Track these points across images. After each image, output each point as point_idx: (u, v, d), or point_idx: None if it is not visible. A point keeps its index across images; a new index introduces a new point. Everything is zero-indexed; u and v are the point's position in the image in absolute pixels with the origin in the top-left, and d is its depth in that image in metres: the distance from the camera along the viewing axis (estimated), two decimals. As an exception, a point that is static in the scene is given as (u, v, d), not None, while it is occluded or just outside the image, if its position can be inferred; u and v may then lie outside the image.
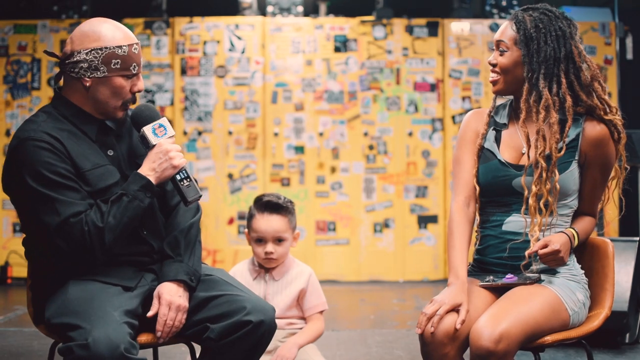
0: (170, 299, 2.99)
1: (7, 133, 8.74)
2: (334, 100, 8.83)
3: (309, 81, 8.84)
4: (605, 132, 3.14)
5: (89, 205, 2.95)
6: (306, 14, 9.20)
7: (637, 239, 5.29)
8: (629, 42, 8.98)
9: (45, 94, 8.75)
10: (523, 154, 3.17)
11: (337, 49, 8.89)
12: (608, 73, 8.86)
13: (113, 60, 3.01)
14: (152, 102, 8.66)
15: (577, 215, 3.23)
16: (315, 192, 8.79)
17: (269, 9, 9.19)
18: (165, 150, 3.02)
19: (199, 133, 8.71)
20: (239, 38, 8.84)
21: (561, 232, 3.10)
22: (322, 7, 9.23)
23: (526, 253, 3.04)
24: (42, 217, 2.92)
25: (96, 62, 3.01)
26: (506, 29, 3.20)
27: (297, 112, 8.81)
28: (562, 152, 3.08)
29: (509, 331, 2.80)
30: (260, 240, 3.83)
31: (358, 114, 8.84)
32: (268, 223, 3.81)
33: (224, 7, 9.10)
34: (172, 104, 8.74)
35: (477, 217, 3.28)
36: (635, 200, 6.66)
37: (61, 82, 3.13)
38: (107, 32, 3.04)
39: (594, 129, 3.14)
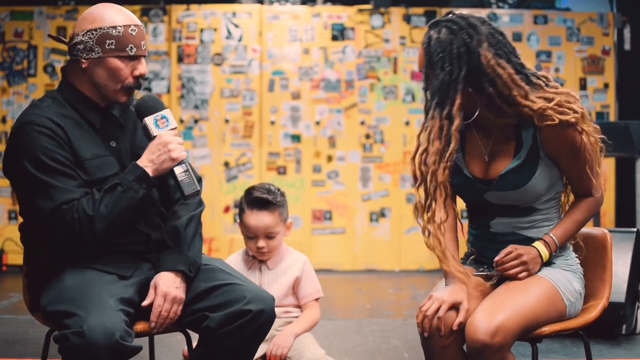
0: (167, 290, 2.97)
1: (4, 120, 8.72)
2: (331, 89, 8.81)
3: (306, 70, 8.82)
4: (555, 126, 2.93)
5: (85, 193, 2.93)
6: (303, 2, 9.17)
7: (635, 230, 5.28)
8: (626, 32, 8.98)
9: (41, 81, 8.73)
10: (488, 165, 3.10)
11: (334, 38, 8.87)
12: (605, 64, 8.86)
13: (107, 41, 2.98)
14: (149, 89, 8.63)
15: (575, 198, 3.16)
16: (311, 181, 8.78)
17: (266, -4, 9.17)
18: (164, 142, 2.98)
19: (196, 121, 8.69)
20: (236, 26, 8.82)
21: (532, 245, 3.06)
22: (320, -5, 9.22)
23: (495, 260, 3.03)
24: (37, 202, 2.91)
25: (91, 42, 2.99)
26: (420, 54, 3.02)
27: (294, 100, 8.80)
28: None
29: (506, 324, 2.79)
30: (251, 236, 3.81)
31: (355, 102, 8.82)
32: (258, 220, 3.77)
33: (221, -6, 9.08)
34: (168, 91, 8.72)
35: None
36: (632, 192, 6.66)
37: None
38: (104, 13, 3.03)
39: (545, 130, 2.96)
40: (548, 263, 3.08)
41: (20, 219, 3.15)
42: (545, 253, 3.02)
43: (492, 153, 3.09)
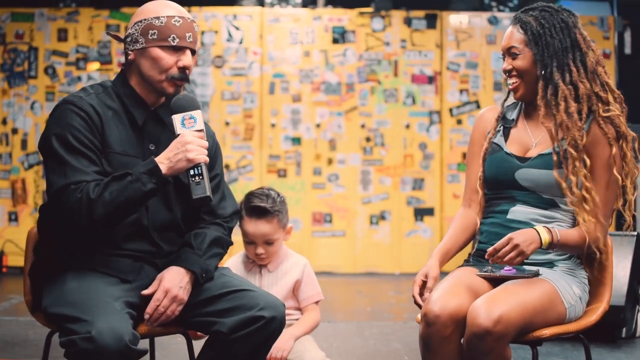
0: (169, 287, 2.95)
1: (4, 121, 8.73)
2: (332, 92, 8.82)
3: (306, 72, 8.83)
4: (609, 129, 3.12)
5: (99, 179, 2.89)
6: (304, 4, 9.17)
7: (635, 233, 5.28)
8: (627, 36, 8.98)
9: (42, 83, 8.74)
10: (531, 148, 3.19)
11: (335, 41, 8.88)
12: (606, 67, 8.84)
13: (150, 31, 2.99)
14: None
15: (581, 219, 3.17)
16: (311, 184, 8.79)
17: (267, -1, 9.18)
18: (184, 141, 2.90)
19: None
20: (237, 28, 8.83)
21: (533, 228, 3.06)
22: (321, -2, 9.23)
23: (488, 251, 3.03)
24: (51, 177, 2.91)
25: (136, 34, 3.01)
26: (512, 34, 3.22)
27: (295, 103, 8.81)
28: (584, 140, 3.09)
29: (509, 313, 2.80)
30: (250, 242, 3.81)
31: (355, 105, 8.83)
32: (256, 228, 3.76)
33: (222, -3, 9.09)
34: (169, 94, 8.71)
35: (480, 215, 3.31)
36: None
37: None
38: (151, 6, 3.05)
39: (596, 128, 3.12)
40: (550, 266, 3.08)
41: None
42: (545, 237, 2.98)
43: (539, 142, 3.21)
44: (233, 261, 3.93)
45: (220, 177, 3.27)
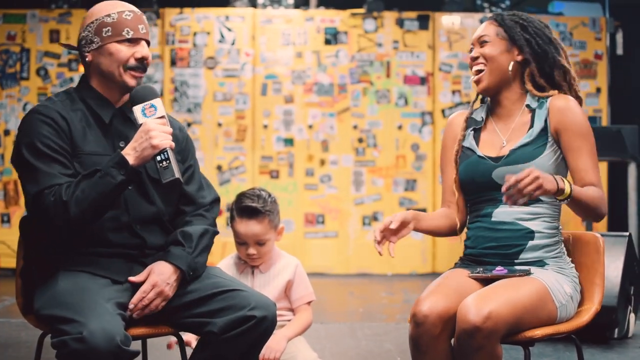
0: (157, 281, 2.96)
1: (-4, 123, 8.72)
2: (324, 93, 8.82)
3: (298, 73, 8.83)
4: (569, 100, 3.20)
5: (69, 183, 2.92)
6: (297, 5, 9.18)
7: (627, 234, 5.29)
8: (619, 37, 9.00)
9: (34, 84, 8.73)
10: (503, 146, 3.21)
11: (327, 42, 8.88)
12: (598, 68, 8.88)
13: (104, 29, 3.05)
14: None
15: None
16: (304, 185, 8.79)
17: (260, 0, 9.17)
18: (147, 129, 2.93)
19: (188, 124, 8.69)
20: (229, 29, 8.83)
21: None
22: (313, -1, 9.23)
23: (504, 187, 2.97)
24: (26, 186, 2.96)
25: (90, 35, 3.07)
26: (485, 26, 3.31)
27: (287, 104, 8.81)
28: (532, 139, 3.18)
29: (498, 310, 2.80)
30: (242, 243, 3.81)
31: (348, 106, 8.83)
32: (247, 228, 3.76)
33: (215, -2, 9.09)
34: (161, 95, 8.71)
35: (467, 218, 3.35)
36: (624, 196, 6.67)
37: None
38: (99, 7, 3.12)
39: (557, 101, 3.20)
40: (542, 265, 3.10)
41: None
42: (563, 184, 2.94)
43: (508, 140, 3.24)
44: (225, 262, 3.93)
45: (195, 167, 3.32)
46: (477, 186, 3.23)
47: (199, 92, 8.77)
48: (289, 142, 8.80)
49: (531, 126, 3.20)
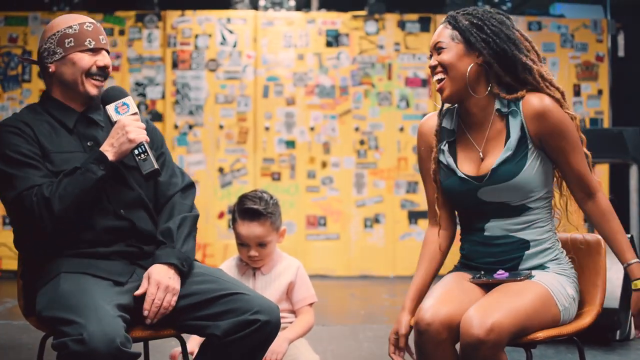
0: (159, 279, 2.99)
1: (-3, 125, 8.71)
2: (326, 95, 8.83)
3: (300, 75, 8.83)
4: (543, 100, 3.06)
5: (49, 182, 2.99)
6: (298, 8, 9.18)
7: (628, 236, 5.28)
8: (620, 39, 9.00)
9: (36, 87, 8.73)
10: (482, 161, 3.13)
11: (328, 44, 8.88)
12: (599, 70, 8.87)
13: (66, 40, 3.15)
14: (143, 95, 8.63)
15: (581, 199, 3.15)
16: (305, 187, 8.79)
17: (261, 2, 9.19)
18: (122, 125, 3.06)
19: (190, 127, 8.69)
20: (231, 32, 8.83)
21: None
22: (314, 2, 9.23)
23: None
24: (3, 194, 3.03)
25: (53, 47, 3.17)
26: (440, 31, 3.17)
27: (289, 106, 8.81)
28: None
29: (501, 322, 2.79)
30: (243, 245, 3.81)
31: (349, 108, 8.83)
32: (249, 230, 3.77)
33: (216, 0, 9.08)
34: (163, 97, 8.72)
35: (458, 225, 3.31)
36: (626, 198, 6.66)
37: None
38: (59, 19, 3.22)
39: (530, 104, 3.06)
40: (543, 268, 3.08)
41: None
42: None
43: (485, 151, 3.12)
44: (227, 264, 3.94)
45: (166, 156, 3.37)
46: (464, 204, 3.20)
47: (200, 95, 8.77)
48: (290, 144, 8.80)
49: (508, 136, 3.07)
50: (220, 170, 8.71)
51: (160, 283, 2.99)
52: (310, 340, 3.99)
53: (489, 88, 3.09)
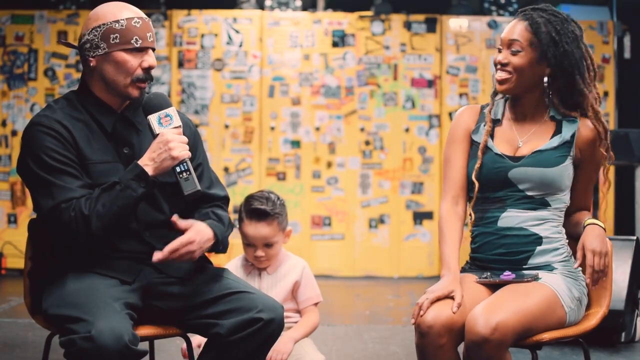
0: (195, 239, 2.94)
1: (4, 123, 8.73)
2: (331, 95, 8.83)
3: (306, 76, 8.83)
4: (595, 134, 3.19)
5: (87, 194, 2.90)
6: (304, 8, 9.19)
7: (634, 237, 5.29)
8: (626, 41, 8.99)
9: (41, 85, 8.74)
10: (519, 147, 3.19)
11: (334, 44, 8.88)
12: (605, 72, 8.86)
13: (111, 36, 2.97)
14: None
15: (573, 211, 3.24)
16: (311, 187, 8.79)
17: (267, 2, 9.19)
18: (165, 140, 2.93)
19: (196, 126, 8.66)
20: (237, 31, 8.83)
21: (589, 225, 3.11)
22: (321, 2, 9.22)
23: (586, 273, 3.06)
24: (39, 199, 2.93)
25: (96, 40, 2.99)
26: (519, 28, 3.16)
27: (294, 106, 8.81)
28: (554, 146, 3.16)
29: (506, 321, 2.80)
30: (250, 245, 3.81)
31: (355, 109, 8.83)
32: (256, 230, 3.77)
33: (222, 0, 9.08)
34: (169, 96, 8.72)
35: (472, 215, 3.28)
36: (631, 200, 6.67)
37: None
38: (107, 10, 3.03)
39: (588, 130, 3.19)
40: (550, 269, 3.09)
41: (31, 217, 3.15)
42: (599, 222, 3.13)
43: (526, 141, 3.22)
44: (232, 264, 3.94)
45: (204, 165, 3.28)
46: (490, 185, 3.18)
47: (206, 94, 8.77)
48: (295, 144, 8.80)
49: (559, 132, 3.18)
50: (226, 169, 8.71)
51: (192, 242, 2.93)
52: (315, 340, 3.99)
53: (548, 94, 3.24)
